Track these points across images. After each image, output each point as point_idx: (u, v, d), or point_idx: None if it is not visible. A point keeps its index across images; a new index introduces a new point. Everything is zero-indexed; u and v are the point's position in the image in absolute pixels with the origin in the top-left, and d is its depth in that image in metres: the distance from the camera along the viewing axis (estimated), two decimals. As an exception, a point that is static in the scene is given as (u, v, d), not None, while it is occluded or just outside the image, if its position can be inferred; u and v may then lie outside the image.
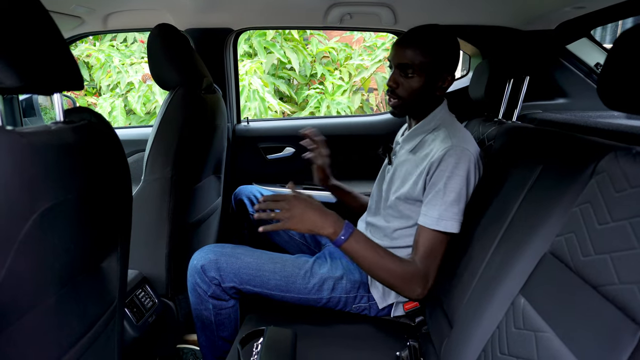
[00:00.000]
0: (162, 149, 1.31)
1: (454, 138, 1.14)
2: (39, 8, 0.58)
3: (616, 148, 0.71)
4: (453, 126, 1.21)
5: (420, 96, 1.19)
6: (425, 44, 1.14)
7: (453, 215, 1.10)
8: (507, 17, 1.78)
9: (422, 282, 1.11)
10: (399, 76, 1.18)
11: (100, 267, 0.77)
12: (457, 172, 1.10)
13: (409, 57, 1.14)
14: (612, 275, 0.59)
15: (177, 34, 1.37)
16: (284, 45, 4.20)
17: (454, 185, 1.10)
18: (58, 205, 0.58)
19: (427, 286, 1.12)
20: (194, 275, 1.27)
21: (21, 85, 0.53)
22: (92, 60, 4.24)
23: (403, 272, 1.11)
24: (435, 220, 1.11)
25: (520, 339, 0.71)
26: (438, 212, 1.11)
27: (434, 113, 1.23)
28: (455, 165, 1.10)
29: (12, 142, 0.51)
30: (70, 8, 1.60)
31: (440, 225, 1.10)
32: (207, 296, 1.27)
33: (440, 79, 1.18)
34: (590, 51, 1.87)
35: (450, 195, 1.10)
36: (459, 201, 1.11)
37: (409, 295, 1.14)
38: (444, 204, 1.10)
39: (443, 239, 1.12)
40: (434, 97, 1.21)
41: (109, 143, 0.74)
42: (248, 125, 2.20)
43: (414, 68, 1.15)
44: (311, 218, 1.09)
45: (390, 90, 1.21)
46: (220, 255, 1.25)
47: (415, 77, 1.16)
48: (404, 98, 1.19)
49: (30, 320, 0.58)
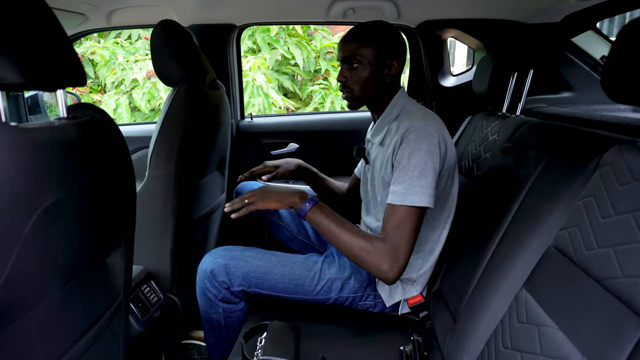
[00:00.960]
0: (166, 145, 1.32)
1: (414, 117, 1.16)
2: (40, 4, 0.59)
3: (620, 141, 0.70)
4: (415, 110, 1.21)
5: (370, 84, 1.22)
6: (362, 35, 1.20)
7: (420, 189, 1.07)
8: (512, 10, 1.77)
9: (389, 258, 1.05)
10: (346, 70, 1.23)
11: (105, 263, 0.77)
12: (419, 147, 1.09)
13: (350, 49, 1.20)
14: (616, 269, 0.59)
15: (180, 30, 1.37)
16: (287, 41, 4.19)
17: (417, 160, 1.08)
18: (62, 201, 0.59)
19: (398, 264, 1.05)
20: (203, 280, 1.27)
21: (24, 81, 0.54)
22: (96, 57, 4.26)
23: (370, 246, 1.06)
24: (402, 195, 1.08)
25: (524, 332, 0.71)
26: (403, 187, 1.08)
27: (393, 101, 1.25)
28: (416, 140, 1.10)
29: (16, 138, 0.51)
30: (73, 5, 1.60)
31: (407, 200, 1.07)
32: (218, 300, 1.27)
33: (386, 66, 1.21)
34: (596, 44, 1.85)
35: (414, 170, 1.08)
36: (425, 175, 1.08)
37: (377, 272, 1.07)
38: (409, 179, 1.08)
39: (412, 213, 1.07)
40: (385, 84, 1.23)
41: (112, 139, 0.74)
42: (252, 121, 2.20)
43: (356, 58, 1.19)
44: (275, 196, 1.15)
45: (342, 85, 1.25)
46: (229, 259, 1.25)
47: (359, 67, 1.20)
48: (355, 89, 1.23)
49: (36, 315, 0.58)
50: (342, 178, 2.10)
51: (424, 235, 1.22)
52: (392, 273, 1.06)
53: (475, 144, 1.49)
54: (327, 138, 2.16)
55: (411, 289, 1.26)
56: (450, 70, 2.16)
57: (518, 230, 0.89)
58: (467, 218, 1.18)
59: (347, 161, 2.15)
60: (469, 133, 1.62)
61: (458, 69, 3.72)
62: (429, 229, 1.22)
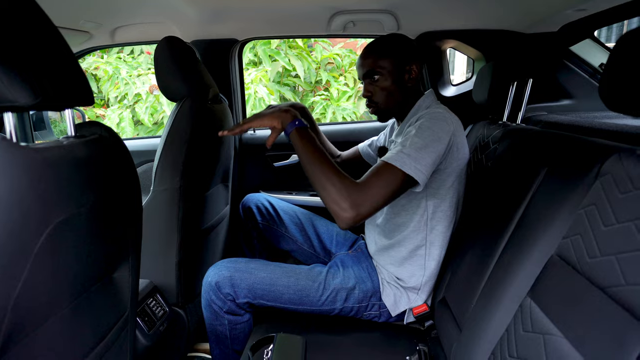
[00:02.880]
0: (171, 159, 1.33)
1: (430, 108, 1.20)
2: (48, 25, 0.60)
3: (620, 149, 0.71)
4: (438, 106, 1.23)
5: (394, 92, 1.26)
6: (377, 48, 1.26)
7: (415, 161, 1.03)
8: (510, 20, 1.79)
9: (352, 203, 1.00)
10: (369, 85, 1.28)
11: (112, 278, 0.78)
12: (429, 126, 1.09)
13: (369, 64, 1.26)
14: (619, 277, 0.59)
15: (183, 46, 1.39)
16: (288, 52, 4.22)
17: (424, 134, 1.07)
18: (71, 218, 0.60)
19: (358, 210, 0.99)
20: (208, 292, 1.28)
21: (35, 103, 0.55)
22: (100, 72, 4.30)
23: (339, 182, 1.02)
24: (395, 154, 1.05)
25: (529, 341, 0.72)
26: (402, 152, 1.05)
27: (419, 102, 1.28)
28: (429, 119, 1.11)
29: (27, 158, 0.52)
30: (78, 24, 1.63)
31: (398, 161, 1.03)
32: (223, 312, 1.28)
33: (406, 72, 1.25)
34: (594, 52, 1.87)
35: (417, 143, 1.05)
36: (426, 149, 1.05)
37: (337, 212, 1.01)
38: (409, 146, 1.05)
39: (396, 174, 1.03)
40: (408, 89, 1.27)
41: (119, 156, 0.75)
42: (254, 134, 2.22)
43: (377, 71, 1.25)
44: (269, 113, 1.16)
45: (368, 100, 1.30)
46: (234, 271, 1.26)
47: (380, 78, 1.25)
48: (382, 101, 1.27)
49: (45, 331, 0.59)
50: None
51: (421, 235, 1.23)
52: (349, 214, 1.00)
53: (476, 153, 1.50)
54: None
55: (416, 298, 1.26)
56: (450, 80, 2.17)
57: (521, 239, 0.89)
58: (471, 226, 1.19)
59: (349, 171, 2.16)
60: (470, 142, 1.63)
61: (458, 78, 3.74)
62: (425, 228, 1.23)
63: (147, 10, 1.66)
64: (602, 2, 1.41)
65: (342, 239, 1.59)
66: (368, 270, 1.32)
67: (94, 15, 1.61)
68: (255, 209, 1.69)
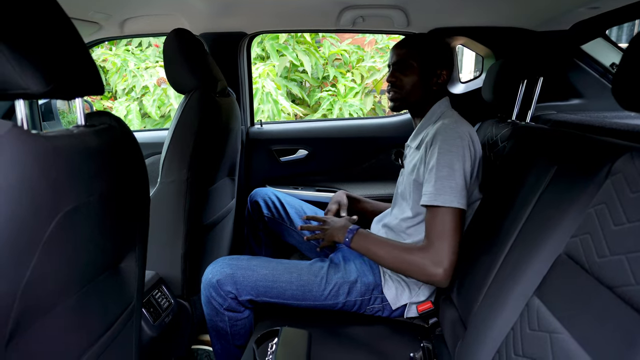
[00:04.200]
0: (178, 151, 1.33)
1: (445, 119, 1.21)
2: (61, 15, 0.60)
3: (632, 149, 0.71)
4: (451, 115, 1.26)
5: (417, 88, 1.28)
6: (414, 43, 1.28)
7: (450, 189, 1.10)
8: (521, 18, 1.77)
9: (436, 264, 1.09)
10: (396, 72, 1.30)
11: (119, 268, 0.79)
12: (447, 148, 1.13)
13: (403, 54, 1.28)
14: (629, 276, 0.59)
15: (192, 39, 1.39)
16: (296, 48, 4.22)
17: (446, 161, 1.12)
18: (80, 207, 0.60)
19: (444, 267, 1.08)
20: (208, 289, 1.28)
21: (46, 90, 0.55)
22: (108, 64, 4.31)
23: (415, 258, 1.12)
24: (433, 195, 1.11)
25: (535, 340, 0.71)
26: (434, 187, 1.12)
27: (434, 108, 1.30)
28: (444, 141, 1.14)
29: (38, 146, 0.53)
30: (88, 14, 1.63)
31: (439, 200, 1.10)
32: (223, 309, 1.28)
33: (435, 75, 1.27)
34: (606, 51, 1.85)
35: (442, 170, 1.12)
36: (454, 176, 1.11)
37: (430, 280, 1.11)
38: (438, 179, 1.11)
39: (446, 214, 1.10)
40: (431, 91, 1.29)
41: (128, 146, 0.75)
42: (261, 127, 2.22)
43: (408, 63, 1.27)
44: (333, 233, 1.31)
45: (391, 84, 1.31)
46: (236, 269, 1.26)
47: (410, 71, 1.27)
48: (403, 89, 1.29)
49: (52, 318, 0.59)
50: (351, 184, 2.11)
51: None
52: (440, 276, 1.09)
53: (485, 150, 1.49)
54: (337, 145, 2.17)
55: (418, 293, 1.27)
56: (459, 77, 2.16)
57: (529, 238, 0.89)
58: (478, 225, 1.18)
59: (356, 168, 2.16)
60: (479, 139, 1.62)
61: (467, 76, 3.72)
62: None
63: (157, 2, 1.66)
64: None
65: None
66: (369, 263, 1.32)
67: (103, 6, 1.61)
68: (263, 203, 1.69)
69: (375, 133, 2.20)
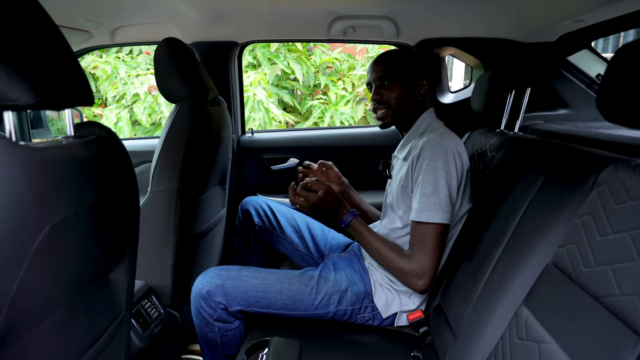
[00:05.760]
0: (169, 160, 1.33)
1: (431, 134, 1.23)
2: (49, 24, 0.60)
3: (616, 160, 0.72)
4: (437, 128, 1.28)
5: (403, 101, 1.30)
6: (391, 57, 1.31)
7: (433, 206, 1.14)
8: (509, 29, 1.80)
9: (417, 276, 1.16)
10: (379, 89, 1.31)
11: (108, 278, 0.78)
12: (432, 164, 1.16)
13: (382, 70, 1.29)
14: (614, 287, 0.60)
15: (183, 48, 1.39)
16: (287, 56, 4.23)
17: (430, 177, 1.15)
18: (69, 218, 0.59)
19: (426, 279, 1.16)
20: (198, 300, 1.27)
21: (35, 102, 0.55)
22: (98, 72, 4.29)
23: (400, 265, 1.19)
24: (417, 212, 1.16)
25: (524, 349, 0.72)
26: (418, 204, 1.16)
27: (420, 119, 1.32)
28: (430, 157, 1.16)
29: (26, 158, 0.52)
30: (79, 23, 1.63)
31: (422, 216, 1.15)
32: (213, 320, 1.27)
33: (417, 85, 1.30)
34: (591, 62, 1.89)
35: (427, 187, 1.15)
36: (438, 192, 1.15)
37: (412, 288, 1.20)
38: (423, 196, 1.16)
39: (429, 230, 1.15)
40: (416, 102, 1.32)
41: (118, 157, 0.75)
42: (252, 136, 2.22)
43: (389, 78, 1.28)
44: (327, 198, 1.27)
45: (376, 102, 1.32)
46: (226, 279, 1.25)
47: (392, 86, 1.29)
48: (389, 105, 1.30)
49: (40, 331, 0.59)
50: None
51: None
52: (418, 287, 1.18)
53: (473, 160, 1.50)
54: (327, 153, 2.17)
55: (408, 302, 1.27)
56: (448, 87, 2.19)
57: (517, 247, 0.90)
58: (468, 234, 1.19)
59: (347, 176, 2.16)
60: (467, 150, 1.64)
61: (456, 85, 3.76)
62: None
63: (148, 11, 1.66)
64: (600, 13, 1.43)
65: (337, 242, 1.60)
66: (360, 272, 1.32)
67: (94, 15, 1.61)
68: (254, 211, 1.68)
69: (365, 142, 2.21)
